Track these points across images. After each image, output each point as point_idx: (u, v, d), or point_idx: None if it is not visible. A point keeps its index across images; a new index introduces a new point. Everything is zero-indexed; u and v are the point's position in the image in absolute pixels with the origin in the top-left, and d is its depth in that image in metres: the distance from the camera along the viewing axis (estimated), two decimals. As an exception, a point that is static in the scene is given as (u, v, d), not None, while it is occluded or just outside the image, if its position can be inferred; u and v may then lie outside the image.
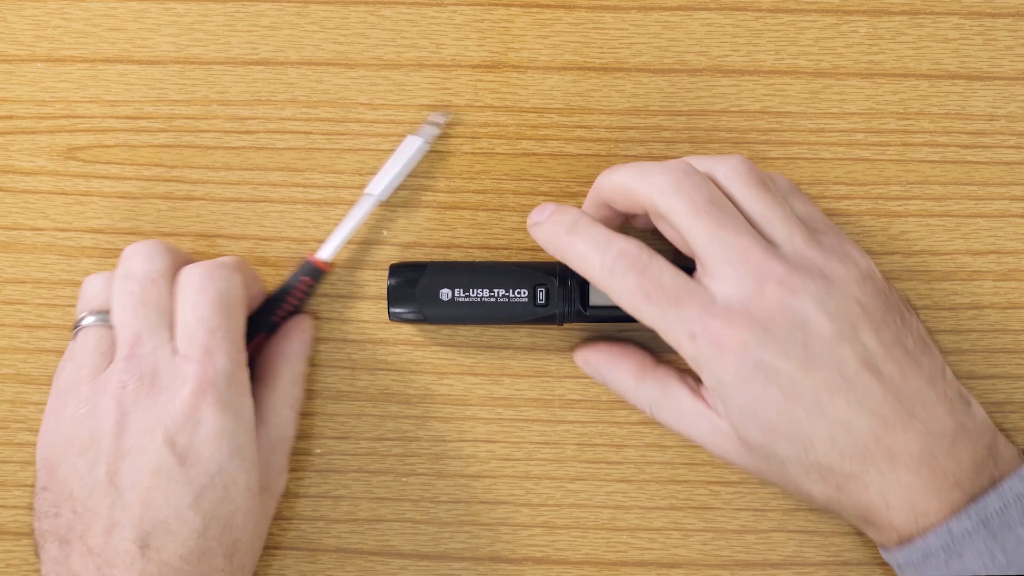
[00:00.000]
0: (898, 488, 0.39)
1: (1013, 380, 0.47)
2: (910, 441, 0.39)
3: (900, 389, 0.39)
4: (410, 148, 0.47)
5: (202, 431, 0.39)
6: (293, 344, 0.46)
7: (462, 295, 0.45)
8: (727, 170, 0.42)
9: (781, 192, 0.43)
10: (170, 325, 0.41)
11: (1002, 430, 0.47)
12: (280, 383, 0.45)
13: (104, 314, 0.43)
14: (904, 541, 0.40)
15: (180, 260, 0.44)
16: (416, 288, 0.45)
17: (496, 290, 0.45)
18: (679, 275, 0.40)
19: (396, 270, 0.46)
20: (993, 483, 0.40)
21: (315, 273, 0.46)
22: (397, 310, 0.45)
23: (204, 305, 0.41)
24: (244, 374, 0.42)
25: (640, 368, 0.45)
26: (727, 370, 0.39)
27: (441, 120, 0.45)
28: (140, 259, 0.42)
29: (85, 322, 0.43)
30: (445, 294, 0.45)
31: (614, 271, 0.40)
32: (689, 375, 0.44)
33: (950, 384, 0.41)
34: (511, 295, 0.45)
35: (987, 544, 0.38)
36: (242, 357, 0.42)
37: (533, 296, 0.45)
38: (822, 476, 0.40)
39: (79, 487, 0.40)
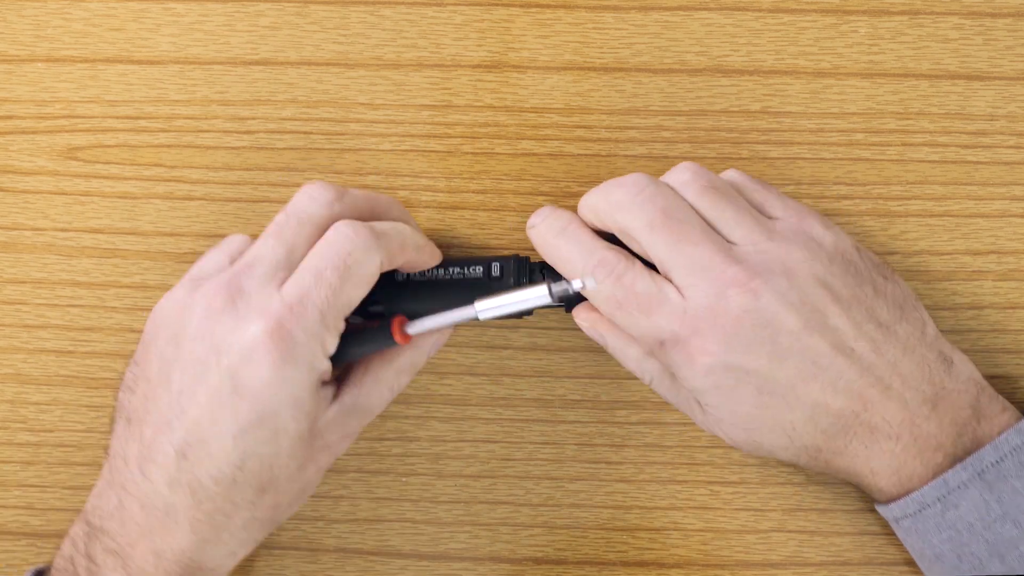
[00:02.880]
0: (882, 456, 0.41)
1: (1013, 380, 0.47)
2: (889, 413, 0.40)
3: (875, 365, 0.40)
4: (535, 294, 0.42)
5: (263, 371, 0.39)
6: (426, 340, 0.45)
7: (417, 274, 0.44)
8: (676, 179, 0.43)
9: (737, 188, 0.44)
10: (291, 266, 0.41)
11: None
12: (396, 364, 0.44)
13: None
14: (892, 500, 0.42)
15: (346, 208, 0.42)
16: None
17: (451, 268, 0.45)
18: (653, 283, 0.41)
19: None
20: (976, 442, 0.41)
21: (389, 341, 0.43)
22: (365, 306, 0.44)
23: (327, 259, 0.40)
24: (328, 337, 0.40)
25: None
26: (697, 375, 0.41)
27: (578, 285, 0.41)
28: (302, 197, 0.42)
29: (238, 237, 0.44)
30: (400, 275, 0.44)
31: (593, 277, 0.42)
32: None
33: (930, 346, 0.42)
34: (466, 272, 0.45)
35: (982, 494, 0.40)
36: (336, 322, 0.40)
37: (488, 270, 0.44)
38: (810, 456, 0.42)
39: (155, 372, 0.40)
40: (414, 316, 0.43)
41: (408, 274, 0.45)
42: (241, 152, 0.48)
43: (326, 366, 0.40)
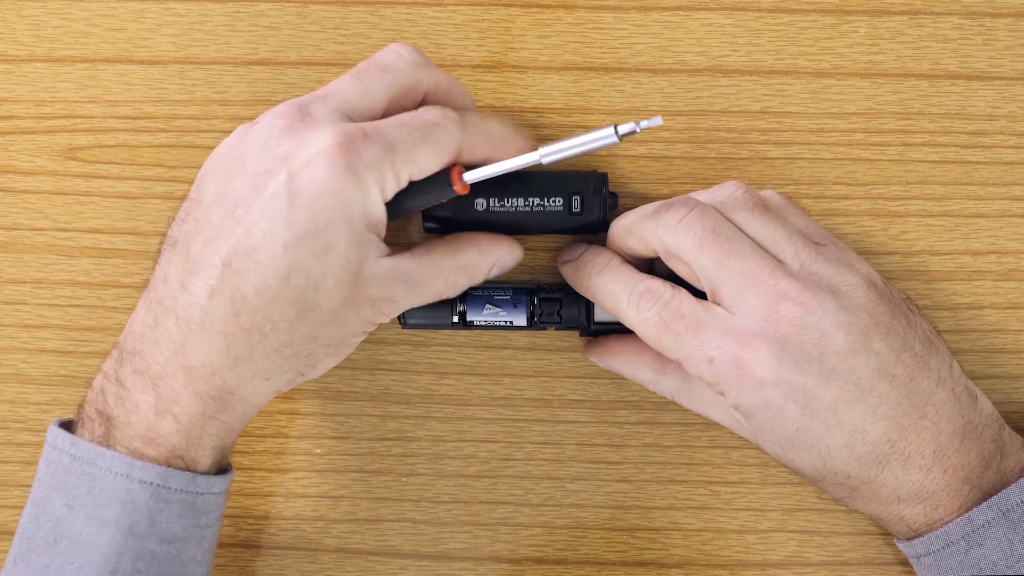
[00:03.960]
0: (910, 487, 0.41)
1: (1013, 380, 0.47)
2: (923, 443, 0.40)
3: (911, 393, 0.40)
4: (600, 135, 0.41)
5: (323, 178, 0.38)
6: (495, 249, 0.44)
7: (496, 204, 0.44)
8: (725, 198, 0.43)
9: (779, 209, 0.44)
10: (363, 111, 0.41)
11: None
12: (459, 258, 0.43)
13: None
14: (915, 535, 0.42)
15: (428, 76, 0.42)
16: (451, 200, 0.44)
17: (531, 199, 0.44)
18: (699, 305, 0.41)
19: None
20: (1000, 476, 0.41)
21: (447, 189, 0.42)
22: (431, 223, 0.45)
23: (412, 120, 0.40)
24: (391, 177, 0.39)
25: (658, 361, 0.45)
26: (745, 391, 0.40)
27: (645, 125, 0.41)
28: (387, 52, 0.42)
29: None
30: (480, 203, 0.44)
31: (640, 306, 0.42)
32: None
33: (958, 381, 0.42)
34: (546, 204, 0.45)
35: (1007, 534, 0.40)
36: (403, 169, 0.40)
37: (568, 204, 0.45)
38: (839, 482, 0.42)
39: (211, 196, 0.40)
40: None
41: (488, 203, 0.44)
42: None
43: (381, 209, 0.39)
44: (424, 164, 0.40)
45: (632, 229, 0.43)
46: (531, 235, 0.47)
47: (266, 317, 0.39)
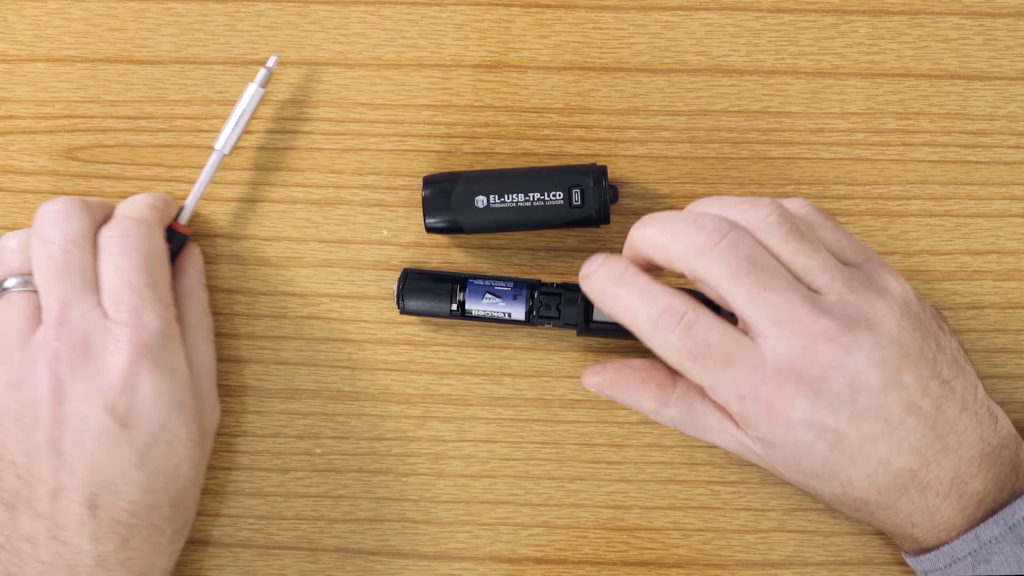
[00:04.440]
0: (926, 512, 0.40)
1: (1013, 380, 0.47)
2: (943, 471, 0.40)
3: (936, 423, 0.39)
4: (248, 96, 0.46)
5: (141, 393, 0.40)
6: (188, 276, 0.46)
7: (497, 201, 0.44)
8: (759, 221, 0.40)
9: (810, 228, 0.41)
10: (95, 287, 0.42)
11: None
12: (189, 318, 0.45)
13: (26, 276, 0.43)
14: (923, 551, 0.42)
15: (98, 215, 0.44)
16: (451, 197, 0.45)
17: (531, 194, 0.44)
18: (727, 332, 0.39)
19: (430, 181, 0.45)
20: (1014, 496, 0.40)
21: (173, 237, 0.46)
22: (433, 220, 0.45)
23: (128, 268, 0.42)
24: (174, 329, 0.43)
25: (660, 391, 0.44)
26: (775, 430, 0.39)
27: (272, 63, 0.46)
28: (58, 222, 0.42)
29: (7, 284, 0.43)
30: (480, 201, 0.44)
31: (659, 326, 0.40)
32: None
33: (980, 403, 0.41)
34: (547, 198, 0.44)
35: (1014, 549, 0.39)
36: (170, 312, 0.43)
37: (568, 198, 0.44)
38: (855, 507, 0.41)
39: (19, 453, 0.40)
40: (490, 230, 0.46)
41: (488, 200, 0.44)
42: (241, 152, 0.48)
43: (184, 357, 0.43)
44: (168, 283, 0.44)
45: (656, 242, 0.40)
46: (533, 231, 0.47)
47: (150, 527, 0.41)
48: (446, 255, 0.48)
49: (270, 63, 0.46)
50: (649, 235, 0.41)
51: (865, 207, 0.48)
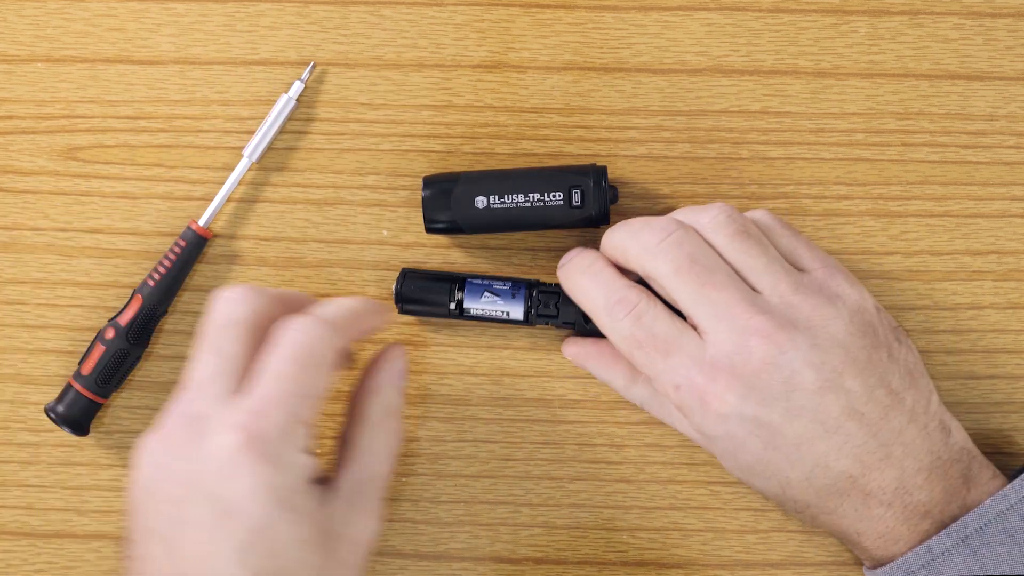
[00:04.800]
0: (870, 521, 0.41)
1: (1013, 380, 0.47)
2: (885, 481, 0.40)
3: (880, 431, 0.40)
4: (280, 106, 0.47)
5: (243, 482, 0.36)
6: (383, 375, 0.42)
7: (497, 201, 0.45)
8: (708, 220, 0.42)
9: (764, 232, 0.43)
10: (240, 373, 0.38)
11: (1002, 430, 0.47)
12: (370, 418, 0.41)
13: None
14: (877, 564, 0.42)
15: (272, 305, 0.40)
16: (451, 198, 0.45)
17: (531, 195, 0.45)
18: (673, 325, 0.41)
19: (430, 182, 0.45)
20: (963, 509, 0.41)
21: (191, 237, 0.47)
22: (433, 221, 0.45)
23: (281, 359, 0.38)
24: (304, 430, 0.38)
25: (630, 370, 0.45)
26: (708, 422, 0.41)
27: (306, 75, 0.47)
28: (221, 304, 0.40)
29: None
30: (480, 201, 0.45)
31: (613, 314, 0.42)
32: None
33: (932, 416, 0.41)
34: (546, 199, 0.45)
35: (966, 561, 0.40)
36: (308, 414, 0.38)
37: (568, 198, 0.45)
38: (797, 509, 0.42)
39: (144, 545, 0.38)
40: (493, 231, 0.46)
41: (489, 201, 0.45)
42: (241, 152, 0.48)
43: (310, 462, 0.38)
44: (320, 388, 0.38)
45: (618, 245, 0.43)
46: (533, 231, 0.47)
47: None
48: (446, 255, 0.48)
49: (304, 76, 0.47)
50: (613, 238, 0.44)
51: (865, 207, 0.48)
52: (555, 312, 0.45)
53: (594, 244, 0.48)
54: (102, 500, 0.48)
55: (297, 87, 0.47)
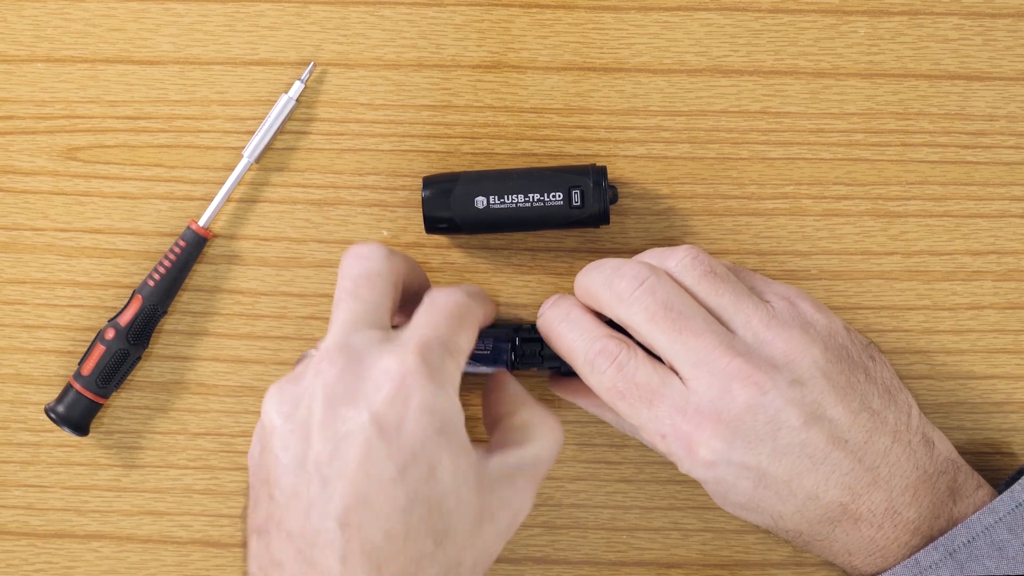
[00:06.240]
0: (860, 542, 0.41)
1: (1013, 380, 0.47)
2: (874, 504, 0.41)
3: (865, 455, 0.40)
4: (280, 106, 0.47)
5: (410, 404, 0.36)
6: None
7: (497, 202, 0.45)
8: (675, 264, 0.43)
9: (733, 271, 0.43)
10: (384, 321, 0.39)
11: (1001, 430, 0.47)
12: (536, 404, 0.42)
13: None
14: None
15: (404, 265, 0.42)
16: (451, 198, 0.45)
17: (531, 195, 0.45)
18: (656, 373, 0.41)
19: (430, 182, 0.45)
20: (951, 522, 0.41)
21: (191, 237, 0.47)
22: (433, 221, 0.45)
23: (437, 312, 0.39)
24: (457, 381, 0.39)
25: None
26: (696, 468, 0.41)
27: (306, 76, 0.47)
28: (355, 259, 0.41)
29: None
30: (480, 202, 0.45)
31: (595, 366, 0.42)
32: None
33: (915, 431, 0.42)
34: (546, 199, 0.45)
35: (953, 574, 0.40)
36: (459, 368, 0.39)
37: (568, 199, 0.45)
38: (791, 536, 0.43)
39: (279, 473, 0.37)
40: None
41: (488, 201, 0.45)
42: (241, 152, 0.48)
43: (460, 407, 0.38)
44: (465, 348, 0.39)
45: (589, 290, 0.43)
46: (533, 231, 0.47)
47: (408, 558, 0.36)
48: (446, 255, 0.48)
49: (304, 76, 0.47)
50: (584, 283, 0.44)
51: (865, 207, 0.48)
52: (540, 360, 0.45)
53: (594, 244, 0.48)
54: (102, 500, 0.48)
55: (297, 87, 0.47)
